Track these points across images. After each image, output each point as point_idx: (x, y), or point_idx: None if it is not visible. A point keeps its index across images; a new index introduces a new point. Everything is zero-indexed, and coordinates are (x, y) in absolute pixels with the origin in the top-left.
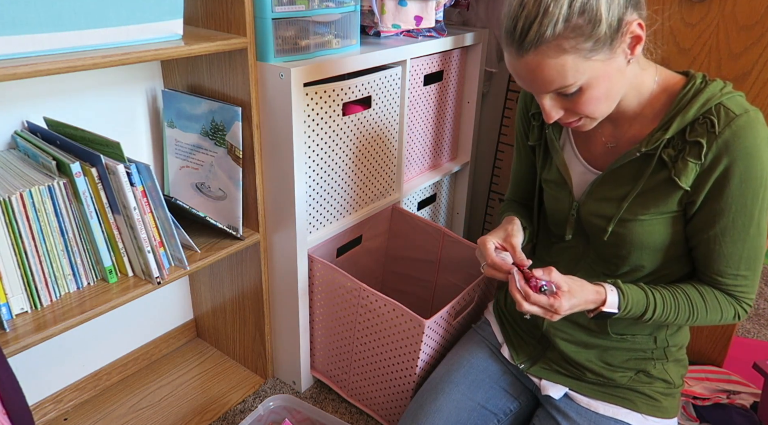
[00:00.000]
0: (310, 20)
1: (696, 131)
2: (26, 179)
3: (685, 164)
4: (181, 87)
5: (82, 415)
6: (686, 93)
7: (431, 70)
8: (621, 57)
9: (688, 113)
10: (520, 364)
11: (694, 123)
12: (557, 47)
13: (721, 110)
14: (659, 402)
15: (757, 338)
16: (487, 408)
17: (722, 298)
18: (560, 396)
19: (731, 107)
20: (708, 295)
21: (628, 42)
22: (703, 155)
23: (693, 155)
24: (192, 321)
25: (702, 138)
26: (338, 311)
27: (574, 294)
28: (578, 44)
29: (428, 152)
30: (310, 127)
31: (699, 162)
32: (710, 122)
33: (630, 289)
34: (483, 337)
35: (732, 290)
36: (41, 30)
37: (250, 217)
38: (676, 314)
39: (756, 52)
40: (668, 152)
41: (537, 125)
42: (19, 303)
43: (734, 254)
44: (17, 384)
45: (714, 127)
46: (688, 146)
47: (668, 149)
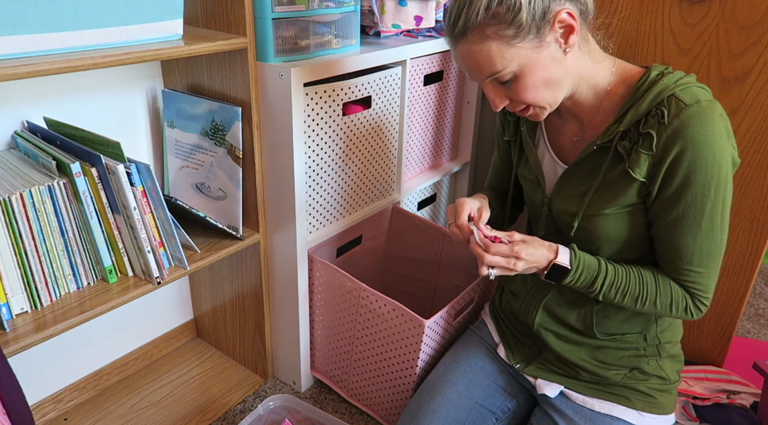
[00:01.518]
0: (310, 20)
1: (648, 122)
2: (26, 179)
3: (638, 155)
4: (181, 87)
5: (82, 415)
6: (640, 85)
7: (431, 70)
8: (554, 46)
9: (641, 105)
10: (515, 364)
11: (648, 115)
12: (480, 34)
13: (672, 101)
14: (655, 398)
15: (757, 338)
16: (485, 407)
17: (675, 287)
18: (556, 394)
19: (682, 98)
20: (662, 280)
21: (559, 32)
22: (654, 145)
23: (645, 147)
24: (192, 321)
25: (653, 129)
26: (338, 311)
27: (530, 243)
28: (499, 31)
29: (428, 152)
30: (310, 127)
31: (650, 153)
32: (661, 113)
33: (583, 254)
34: (480, 337)
35: (685, 284)
36: (41, 30)
37: (250, 217)
38: (626, 289)
39: (756, 52)
40: (623, 145)
41: (512, 120)
42: (19, 303)
43: (686, 247)
44: (17, 384)
45: (664, 117)
46: (642, 138)
47: (624, 141)
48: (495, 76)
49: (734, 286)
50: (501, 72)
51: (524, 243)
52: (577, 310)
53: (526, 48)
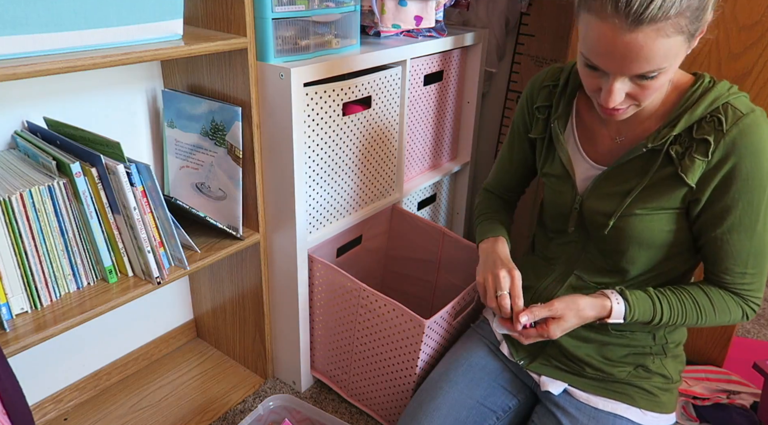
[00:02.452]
0: (310, 20)
1: (703, 128)
2: (26, 179)
3: (692, 160)
4: (181, 87)
5: (82, 415)
6: (694, 91)
7: (431, 70)
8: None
9: (696, 110)
10: (519, 361)
11: (702, 121)
12: (676, 25)
13: (728, 108)
14: (657, 397)
15: (757, 338)
16: (486, 406)
17: (729, 299)
18: (560, 391)
19: (738, 106)
20: (715, 297)
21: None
22: (711, 152)
23: (700, 153)
24: (192, 321)
25: (709, 136)
26: (338, 311)
27: (566, 319)
28: (690, 26)
29: (428, 152)
30: (310, 127)
31: (706, 159)
32: (718, 120)
33: (637, 298)
34: (482, 336)
35: (739, 289)
36: (41, 30)
37: (250, 217)
38: (684, 318)
39: (756, 52)
40: (675, 149)
41: (542, 118)
42: (19, 303)
43: (741, 252)
44: (17, 384)
45: (722, 125)
46: (695, 144)
47: (675, 145)
48: (651, 72)
49: None
50: (662, 69)
51: (560, 320)
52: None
53: (687, 46)
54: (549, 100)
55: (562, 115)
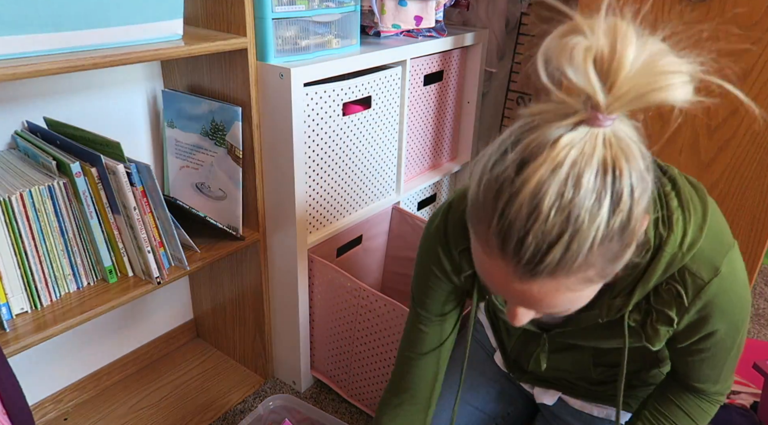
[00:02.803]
0: (310, 20)
1: (662, 297)
2: (26, 179)
3: (655, 330)
4: (181, 87)
5: (82, 415)
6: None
7: (431, 70)
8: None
9: (649, 282)
10: (510, 373)
11: (658, 288)
12: (583, 278)
13: (686, 275)
14: None
15: (757, 338)
16: (485, 413)
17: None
18: (554, 401)
19: (698, 273)
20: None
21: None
22: (675, 324)
23: (663, 322)
24: (192, 321)
25: (670, 310)
26: (338, 311)
27: None
28: (603, 270)
29: (428, 152)
30: (310, 127)
31: (671, 328)
32: (676, 292)
33: None
34: (477, 340)
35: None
36: (41, 30)
37: (250, 217)
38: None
39: (756, 52)
40: (634, 318)
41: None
42: (19, 303)
43: (716, 370)
44: (17, 384)
45: (681, 297)
46: (655, 313)
47: (633, 313)
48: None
49: None
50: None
51: None
52: (571, 358)
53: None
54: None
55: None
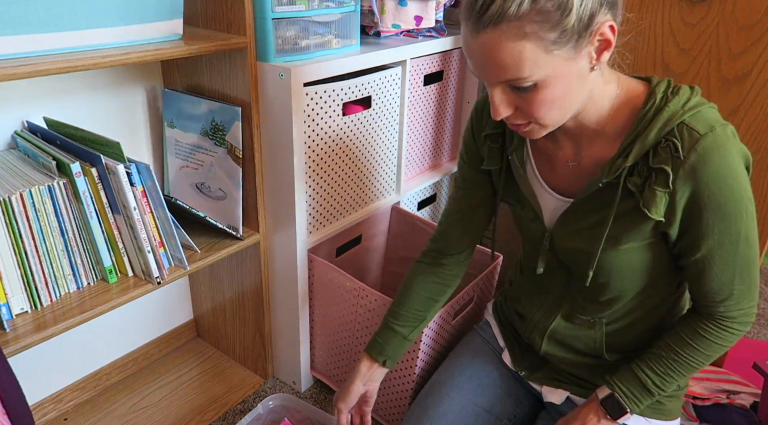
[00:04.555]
0: (310, 20)
1: (659, 155)
2: (26, 179)
3: (653, 192)
4: (181, 87)
5: (82, 415)
6: (646, 112)
7: (431, 70)
8: (585, 60)
9: (648, 136)
10: (520, 372)
11: (657, 147)
12: (518, 29)
13: (684, 130)
14: (663, 404)
15: (757, 338)
16: (492, 413)
17: (716, 332)
18: (562, 401)
19: (695, 127)
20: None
21: (596, 45)
22: (671, 182)
23: (660, 183)
24: (192, 321)
25: (666, 165)
26: (338, 311)
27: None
28: (541, 32)
29: (428, 152)
30: (310, 127)
31: (667, 190)
32: (673, 146)
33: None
34: (485, 339)
35: (726, 313)
36: (41, 30)
37: (250, 217)
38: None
39: (756, 52)
40: (633, 181)
41: (496, 147)
42: (19, 303)
43: (726, 273)
44: (17, 384)
45: (678, 151)
46: (654, 173)
47: (633, 177)
48: (515, 81)
49: None
50: (525, 79)
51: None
52: (585, 337)
53: (561, 57)
54: (500, 127)
55: (518, 144)
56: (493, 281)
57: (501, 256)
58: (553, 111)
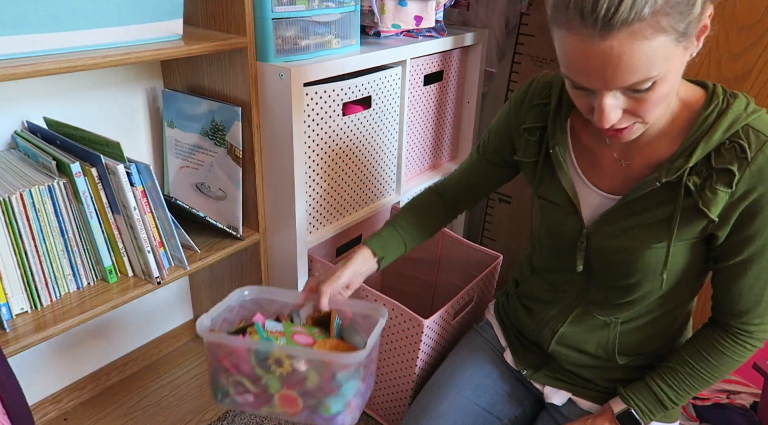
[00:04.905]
0: (310, 20)
1: (723, 156)
2: (26, 179)
3: (714, 192)
4: (181, 87)
5: (82, 415)
6: (709, 114)
7: (431, 70)
8: (690, 50)
9: (713, 137)
10: (522, 371)
11: (720, 148)
12: (655, 24)
13: (750, 132)
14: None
15: None
16: (492, 413)
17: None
18: (564, 402)
19: (761, 129)
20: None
21: (701, 33)
22: (735, 183)
23: (722, 183)
24: (192, 321)
25: (732, 165)
26: None
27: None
28: (675, 24)
29: (428, 152)
30: (310, 127)
31: (729, 191)
32: (739, 147)
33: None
34: (486, 339)
35: (744, 326)
36: (41, 30)
37: (250, 217)
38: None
39: (756, 52)
40: (693, 180)
41: (533, 139)
42: (19, 303)
43: (759, 281)
44: (17, 384)
45: (745, 152)
46: (716, 174)
47: (693, 176)
48: (642, 82)
49: None
50: (653, 78)
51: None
52: (597, 337)
53: (682, 48)
54: (541, 120)
55: (560, 138)
56: (493, 281)
57: (501, 256)
58: (660, 107)
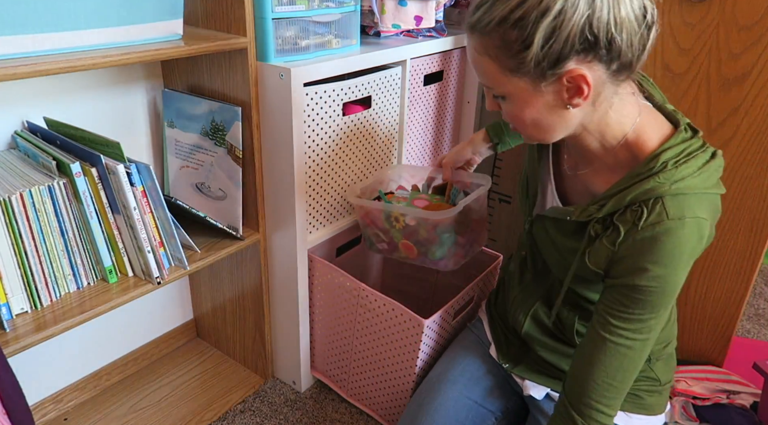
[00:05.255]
0: (310, 20)
1: (625, 216)
2: (26, 179)
3: (601, 246)
4: (181, 87)
5: (82, 415)
6: (640, 173)
7: (431, 70)
8: (551, 97)
9: (626, 197)
10: (504, 364)
11: (628, 207)
12: (484, 45)
13: (658, 205)
14: (643, 399)
15: (757, 338)
16: (484, 407)
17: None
18: (542, 396)
19: (668, 208)
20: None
21: (566, 88)
22: (618, 243)
23: (609, 241)
24: (192, 321)
25: (623, 226)
26: (338, 311)
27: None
28: (501, 55)
29: (428, 152)
30: (310, 127)
31: (612, 249)
32: (639, 214)
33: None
34: (476, 335)
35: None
36: (41, 30)
37: (250, 217)
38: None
39: (756, 52)
40: (596, 229)
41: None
42: (19, 303)
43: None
44: (17, 384)
45: (640, 220)
46: (611, 229)
47: (598, 225)
48: (491, 89)
49: (734, 286)
50: (492, 89)
51: None
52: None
53: (521, 84)
54: None
55: None
56: (493, 281)
57: (501, 256)
58: (527, 128)
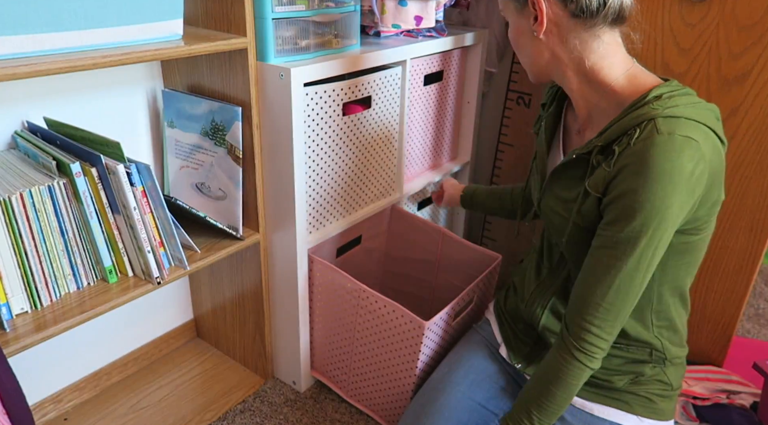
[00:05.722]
0: (310, 20)
1: (621, 141)
2: (26, 179)
3: (600, 170)
4: (181, 87)
5: (82, 415)
6: (636, 102)
7: (431, 70)
8: (525, 22)
9: (624, 123)
10: (516, 364)
11: (625, 133)
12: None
13: (650, 125)
14: (655, 403)
15: (757, 338)
16: (487, 409)
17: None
18: None
19: (659, 125)
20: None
21: (533, 15)
22: (613, 162)
23: (607, 162)
24: (192, 321)
25: (618, 146)
26: (338, 311)
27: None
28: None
29: (428, 152)
30: (310, 127)
31: (608, 170)
32: (633, 132)
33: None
34: (483, 337)
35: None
36: (41, 30)
37: (250, 217)
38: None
39: (756, 52)
40: (598, 158)
41: (543, 115)
42: (19, 303)
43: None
44: (17, 384)
45: (632, 138)
46: (610, 156)
47: (599, 155)
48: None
49: (734, 286)
50: (501, 10)
51: None
52: None
53: (512, 6)
54: (550, 97)
55: (554, 111)
56: (493, 281)
57: (501, 256)
58: (521, 55)
